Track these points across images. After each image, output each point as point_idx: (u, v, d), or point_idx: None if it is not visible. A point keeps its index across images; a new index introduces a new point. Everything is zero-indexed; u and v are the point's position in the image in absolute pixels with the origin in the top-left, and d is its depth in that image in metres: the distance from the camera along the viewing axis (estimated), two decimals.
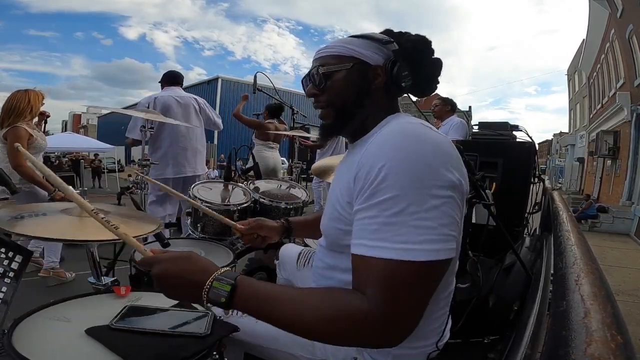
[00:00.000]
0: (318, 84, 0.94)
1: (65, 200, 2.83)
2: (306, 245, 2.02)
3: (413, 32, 0.94)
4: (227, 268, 0.77)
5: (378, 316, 0.64)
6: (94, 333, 0.85)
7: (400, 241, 0.66)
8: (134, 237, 0.88)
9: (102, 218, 0.88)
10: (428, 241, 0.66)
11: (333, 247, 0.93)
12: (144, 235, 1.19)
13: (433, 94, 1.06)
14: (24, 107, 2.83)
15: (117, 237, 0.87)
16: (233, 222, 1.38)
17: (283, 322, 0.71)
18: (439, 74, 0.97)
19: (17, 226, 1.05)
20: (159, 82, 3.56)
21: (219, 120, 3.68)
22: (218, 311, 0.97)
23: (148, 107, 3.14)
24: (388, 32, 0.95)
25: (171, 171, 3.26)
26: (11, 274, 0.93)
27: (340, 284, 0.90)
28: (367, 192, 0.72)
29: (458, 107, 4.30)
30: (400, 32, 0.94)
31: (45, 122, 3.44)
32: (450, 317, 0.94)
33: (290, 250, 1.55)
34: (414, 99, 1.03)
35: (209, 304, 0.76)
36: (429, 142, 0.74)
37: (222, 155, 22.73)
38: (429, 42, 0.93)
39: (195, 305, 1.02)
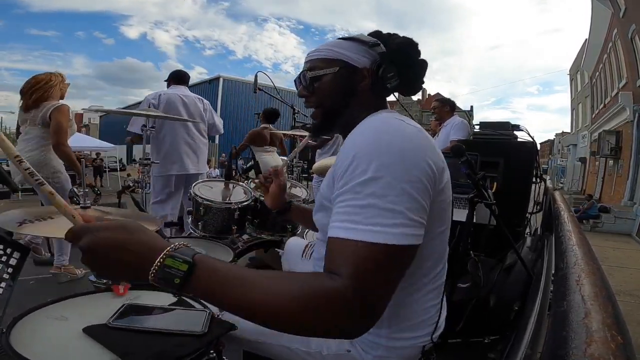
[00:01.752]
0: (307, 87, 0.99)
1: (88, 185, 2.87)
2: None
3: (414, 32, 1.00)
4: (182, 243, 0.66)
5: (350, 295, 0.62)
6: (92, 332, 0.84)
7: (371, 223, 0.66)
8: None
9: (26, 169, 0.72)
10: (397, 225, 0.67)
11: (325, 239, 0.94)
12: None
13: (434, 93, 1.07)
14: (61, 87, 2.91)
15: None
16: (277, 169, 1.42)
17: (246, 307, 0.63)
18: (424, 74, 1.01)
19: (24, 228, 1.08)
20: (165, 80, 3.58)
21: (220, 125, 3.72)
22: (216, 309, 0.97)
23: (152, 105, 3.16)
24: (377, 33, 0.99)
25: (175, 168, 3.27)
26: (9, 271, 0.93)
27: None
28: (342, 180, 0.74)
29: (460, 106, 4.30)
30: (389, 34, 0.99)
31: None
32: (443, 309, 0.95)
33: (295, 242, 1.59)
34: (415, 98, 1.05)
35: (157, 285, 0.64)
36: (399, 131, 0.77)
37: (224, 154, 22.76)
38: (415, 44, 0.97)
39: (193, 303, 1.02)
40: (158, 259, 0.62)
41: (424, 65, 0.99)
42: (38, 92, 2.83)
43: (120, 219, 0.73)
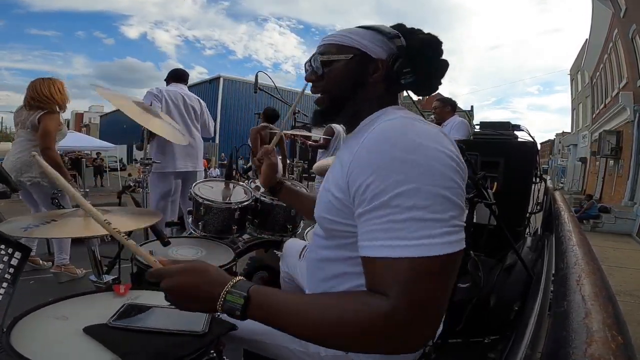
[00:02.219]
0: (317, 71, 0.95)
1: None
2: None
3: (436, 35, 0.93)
4: (240, 278, 0.75)
5: (404, 316, 0.62)
6: (92, 331, 0.84)
7: (417, 237, 0.64)
8: (134, 230, 0.88)
9: (114, 229, 0.89)
10: (444, 234, 0.65)
11: (327, 236, 0.92)
12: (144, 227, 1.21)
13: (434, 93, 1.06)
14: (57, 93, 2.93)
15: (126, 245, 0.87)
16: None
17: (301, 332, 0.69)
18: (443, 76, 0.96)
19: (30, 233, 1.12)
20: (165, 79, 3.58)
21: (211, 128, 3.73)
22: None
23: (155, 98, 3.17)
24: (399, 27, 0.94)
25: (173, 165, 3.28)
26: (11, 271, 0.93)
27: (333, 277, 0.90)
28: (370, 193, 0.70)
29: (460, 106, 4.28)
30: (412, 29, 0.94)
31: None
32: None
33: (293, 244, 1.58)
34: (415, 98, 1.04)
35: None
36: (426, 134, 0.73)
37: (223, 154, 22.76)
38: (439, 43, 0.92)
39: None
40: (220, 296, 0.71)
41: (444, 65, 0.95)
42: (38, 102, 2.88)
43: (189, 263, 0.79)
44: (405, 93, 1.02)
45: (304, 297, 0.76)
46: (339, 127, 5.41)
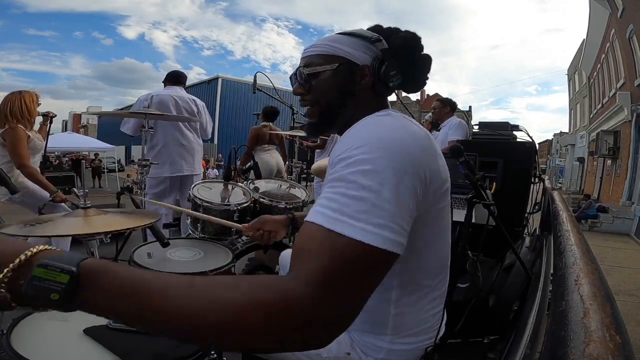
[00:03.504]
0: (304, 84, 0.93)
1: (66, 201, 2.85)
2: None
3: (414, 31, 0.93)
4: (49, 246, 0.50)
5: (317, 296, 0.52)
6: (92, 332, 0.85)
7: (355, 218, 0.59)
8: (133, 228, 0.86)
9: None
10: (383, 226, 0.59)
11: None
12: (142, 227, 1.21)
13: (434, 93, 1.06)
14: (17, 108, 2.87)
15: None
16: (238, 225, 1.34)
17: (170, 321, 0.49)
18: (428, 70, 0.96)
19: (32, 232, 1.11)
20: (163, 81, 3.58)
21: (209, 129, 3.71)
22: None
23: (147, 106, 3.16)
24: (377, 28, 0.94)
25: (168, 169, 3.26)
26: None
27: None
28: (336, 167, 0.68)
29: (459, 107, 4.29)
30: (390, 29, 0.93)
31: (51, 122, 3.46)
32: (445, 313, 0.94)
33: (289, 254, 1.55)
34: (414, 98, 1.04)
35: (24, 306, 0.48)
36: (407, 131, 0.74)
37: (220, 154, 22.72)
38: (418, 39, 0.92)
39: None
40: (9, 271, 0.46)
41: (427, 60, 0.94)
42: (4, 119, 2.85)
43: None
44: (403, 94, 1.02)
45: (175, 277, 0.53)
46: None
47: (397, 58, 0.89)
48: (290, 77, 0.99)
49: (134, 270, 0.53)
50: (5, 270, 0.46)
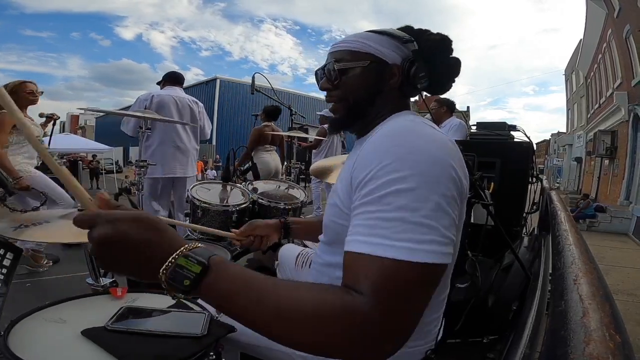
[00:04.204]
0: (332, 79, 0.92)
1: (25, 189, 2.81)
2: (305, 246, 2.01)
3: (445, 34, 0.92)
4: (199, 244, 0.62)
5: (376, 318, 0.57)
6: (90, 334, 0.84)
7: (402, 239, 0.60)
8: None
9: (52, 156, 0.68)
10: (430, 242, 0.61)
11: (332, 242, 0.90)
12: None
13: (432, 94, 1.06)
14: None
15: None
16: (229, 233, 1.31)
17: (261, 318, 0.59)
18: (457, 74, 0.95)
19: (22, 234, 1.09)
20: (158, 83, 3.56)
21: (208, 131, 3.70)
22: (215, 311, 0.96)
23: (145, 108, 3.15)
24: (408, 29, 0.92)
25: (161, 170, 3.24)
26: (3, 272, 0.93)
27: (337, 281, 0.88)
28: (367, 188, 0.67)
29: (457, 107, 4.30)
30: (420, 30, 0.92)
31: (54, 125, 3.44)
32: (443, 318, 0.94)
33: (289, 250, 1.54)
34: (412, 100, 1.03)
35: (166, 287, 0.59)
36: (433, 139, 0.72)
37: (218, 156, 22.69)
38: (449, 42, 0.91)
39: (192, 305, 1.02)
40: (170, 258, 0.57)
41: (457, 64, 0.93)
42: None
43: (135, 210, 0.63)
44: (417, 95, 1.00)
45: (275, 280, 0.64)
46: None
47: (427, 60, 0.88)
48: (316, 72, 0.98)
49: (246, 270, 0.62)
50: (170, 258, 0.58)
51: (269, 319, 0.58)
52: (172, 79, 3.50)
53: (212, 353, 0.90)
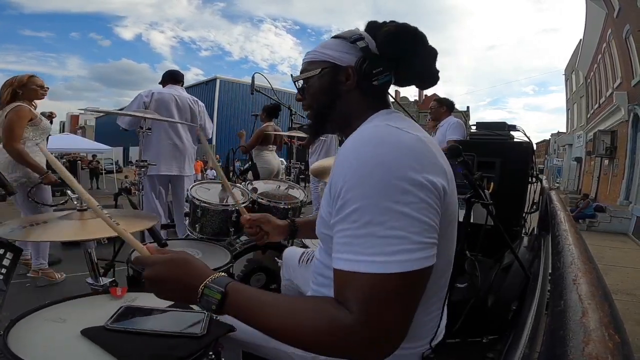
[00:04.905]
0: (299, 90, 0.99)
1: (53, 183, 2.80)
2: (304, 246, 2.02)
3: (405, 22, 0.89)
4: (220, 273, 0.76)
5: (362, 331, 0.62)
6: (90, 334, 0.84)
7: (372, 253, 0.63)
8: (130, 232, 0.87)
9: (106, 214, 0.87)
10: (401, 251, 0.62)
11: (325, 248, 0.94)
12: (140, 230, 1.20)
13: (431, 93, 1.07)
14: (11, 87, 2.81)
15: (116, 234, 0.85)
16: (244, 210, 1.41)
17: (270, 331, 0.70)
18: (433, 64, 0.92)
19: (30, 235, 1.09)
20: (160, 82, 3.56)
21: (209, 129, 3.70)
22: None
23: (144, 103, 3.14)
24: (371, 24, 0.92)
25: (156, 168, 3.22)
26: (3, 271, 0.93)
27: (331, 277, 0.89)
28: (337, 205, 0.71)
29: (457, 107, 4.31)
30: (378, 24, 0.91)
31: (51, 122, 3.44)
32: (442, 318, 0.93)
33: (292, 252, 1.57)
34: (412, 100, 1.04)
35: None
36: (390, 145, 0.71)
37: (218, 155, 22.69)
38: (408, 31, 0.87)
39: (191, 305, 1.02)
40: (199, 290, 0.72)
41: (430, 53, 0.90)
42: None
43: (174, 253, 0.80)
44: (401, 94, 1.01)
45: (278, 298, 0.76)
46: None
47: (385, 54, 0.87)
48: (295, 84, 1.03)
49: (257, 293, 0.73)
50: (200, 288, 0.72)
51: (279, 330, 0.69)
52: (173, 77, 3.50)
53: (211, 352, 0.90)
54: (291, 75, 1.01)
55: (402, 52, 0.88)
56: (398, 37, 0.87)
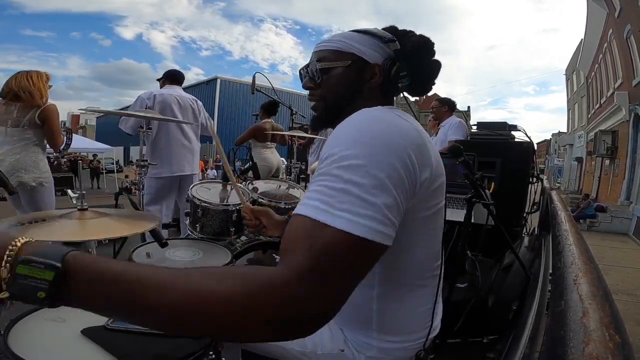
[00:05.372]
0: (315, 78, 0.94)
1: None
2: None
3: (428, 36, 0.93)
4: (43, 241, 0.51)
5: (303, 280, 0.53)
6: (90, 333, 0.84)
7: (343, 209, 0.59)
8: (130, 234, 0.86)
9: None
10: (369, 217, 0.60)
11: None
12: (141, 232, 1.19)
13: (432, 93, 1.07)
14: (41, 85, 2.80)
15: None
16: (245, 202, 1.42)
17: (160, 314, 0.50)
18: (436, 76, 0.97)
19: (27, 234, 1.08)
20: (158, 79, 3.56)
21: (210, 129, 3.71)
22: None
23: (146, 107, 3.14)
24: (392, 29, 0.94)
25: (169, 169, 3.25)
26: None
27: None
28: (322, 164, 0.69)
29: (457, 107, 4.31)
30: (405, 31, 0.94)
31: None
32: (438, 314, 0.94)
33: None
34: (413, 99, 1.04)
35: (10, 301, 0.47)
36: (387, 123, 0.73)
37: (218, 155, 22.71)
38: (431, 44, 0.92)
39: None
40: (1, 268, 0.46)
41: (437, 66, 0.95)
42: (26, 94, 2.74)
43: None
44: (401, 94, 1.01)
45: (155, 269, 0.53)
46: None
47: (409, 60, 0.89)
48: (300, 71, 0.99)
49: (117, 262, 0.52)
50: (2, 264, 0.45)
51: (170, 310, 0.49)
52: (174, 77, 3.51)
53: (211, 352, 0.90)
54: (312, 63, 0.94)
55: (423, 62, 0.93)
56: (425, 48, 0.91)
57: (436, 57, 0.95)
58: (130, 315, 0.51)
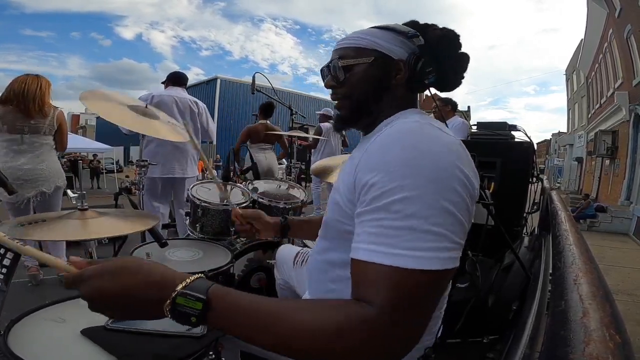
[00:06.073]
0: (337, 77, 0.91)
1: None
2: (305, 245, 2.01)
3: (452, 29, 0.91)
4: (196, 276, 0.63)
5: (387, 325, 0.58)
6: (90, 334, 0.84)
7: (409, 247, 0.60)
8: (131, 232, 0.86)
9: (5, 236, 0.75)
10: (438, 249, 0.61)
11: (333, 239, 0.89)
12: (140, 231, 1.19)
13: (432, 94, 1.05)
14: (49, 91, 2.82)
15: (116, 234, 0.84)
16: (235, 207, 1.37)
17: (274, 342, 0.60)
18: (465, 69, 0.94)
19: (28, 234, 1.09)
20: (162, 82, 3.56)
21: (213, 132, 3.69)
22: None
23: (147, 102, 3.14)
24: (413, 23, 0.91)
25: (159, 170, 3.22)
26: (3, 271, 0.93)
27: (337, 279, 0.87)
28: (372, 193, 0.66)
29: (458, 107, 4.31)
30: (426, 24, 0.91)
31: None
32: (442, 316, 0.94)
33: (287, 250, 1.54)
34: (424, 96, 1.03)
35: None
36: (439, 142, 0.70)
37: (218, 155, 22.67)
38: (457, 37, 0.89)
39: None
40: (168, 301, 0.60)
41: (465, 58, 0.92)
42: (42, 98, 2.74)
43: (116, 260, 0.64)
44: (428, 92, 0.98)
45: (278, 302, 0.66)
46: (327, 125, 5.42)
47: (434, 55, 0.87)
48: (322, 70, 0.97)
49: (250, 297, 0.63)
50: (167, 300, 0.60)
51: (285, 341, 0.59)
52: (175, 79, 3.51)
53: (211, 352, 0.90)
54: (334, 61, 0.91)
55: (449, 56, 0.90)
56: (449, 41, 0.89)
57: (465, 52, 0.92)
58: (256, 341, 0.61)
